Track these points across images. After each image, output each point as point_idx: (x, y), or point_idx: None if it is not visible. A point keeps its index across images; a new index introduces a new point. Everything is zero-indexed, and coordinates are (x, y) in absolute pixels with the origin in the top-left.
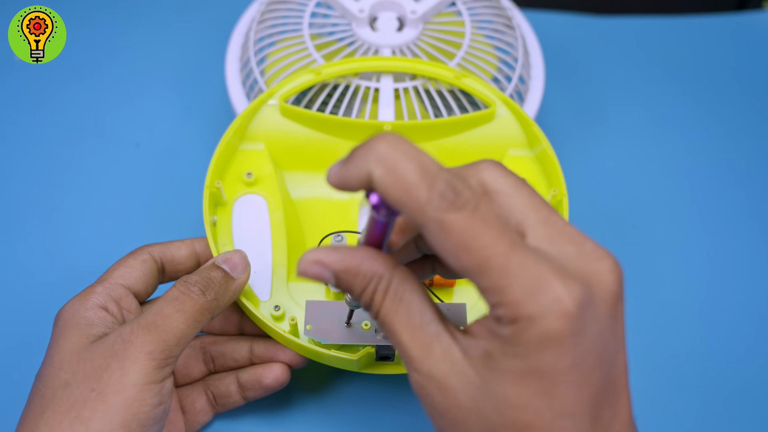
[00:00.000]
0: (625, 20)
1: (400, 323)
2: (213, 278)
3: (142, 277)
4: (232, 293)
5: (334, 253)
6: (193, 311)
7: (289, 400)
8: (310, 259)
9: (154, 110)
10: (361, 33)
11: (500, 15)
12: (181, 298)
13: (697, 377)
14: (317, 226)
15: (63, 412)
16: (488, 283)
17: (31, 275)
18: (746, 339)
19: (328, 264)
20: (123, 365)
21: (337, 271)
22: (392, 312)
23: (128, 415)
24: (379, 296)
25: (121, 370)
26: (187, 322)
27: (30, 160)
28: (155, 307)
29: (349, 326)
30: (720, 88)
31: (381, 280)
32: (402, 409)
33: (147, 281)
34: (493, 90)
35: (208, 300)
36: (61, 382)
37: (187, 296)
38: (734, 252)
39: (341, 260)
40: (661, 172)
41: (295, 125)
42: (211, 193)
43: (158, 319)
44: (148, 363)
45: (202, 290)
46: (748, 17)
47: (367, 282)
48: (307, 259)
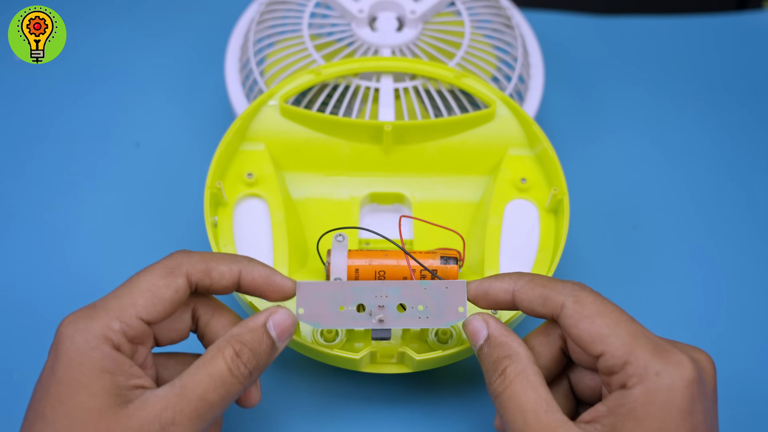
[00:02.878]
0: (624, 20)
1: (528, 405)
2: (263, 353)
3: (169, 309)
4: (269, 365)
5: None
6: (235, 395)
7: (289, 399)
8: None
9: (154, 111)
10: (361, 33)
11: (499, 14)
12: (229, 382)
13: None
14: (318, 226)
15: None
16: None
17: (30, 275)
18: (746, 339)
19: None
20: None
21: (491, 334)
22: (522, 392)
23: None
24: (512, 373)
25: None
26: (226, 406)
27: (30, 160)
28: (200, 390)
29: None
30: (720, 88)
31: (519, 358)
32: (404, 408)
33: (172, 311)
34: (493, 90)
35: (252, 380)
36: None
37: (236, 380)
38: (734, 252)
39: (499, 327)
40: (661, 172)
41: (296, 126)
42: (212, 194)
43: (202, 409)
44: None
45: (251, 372)
46: (748, 17)
47: (507, 355)
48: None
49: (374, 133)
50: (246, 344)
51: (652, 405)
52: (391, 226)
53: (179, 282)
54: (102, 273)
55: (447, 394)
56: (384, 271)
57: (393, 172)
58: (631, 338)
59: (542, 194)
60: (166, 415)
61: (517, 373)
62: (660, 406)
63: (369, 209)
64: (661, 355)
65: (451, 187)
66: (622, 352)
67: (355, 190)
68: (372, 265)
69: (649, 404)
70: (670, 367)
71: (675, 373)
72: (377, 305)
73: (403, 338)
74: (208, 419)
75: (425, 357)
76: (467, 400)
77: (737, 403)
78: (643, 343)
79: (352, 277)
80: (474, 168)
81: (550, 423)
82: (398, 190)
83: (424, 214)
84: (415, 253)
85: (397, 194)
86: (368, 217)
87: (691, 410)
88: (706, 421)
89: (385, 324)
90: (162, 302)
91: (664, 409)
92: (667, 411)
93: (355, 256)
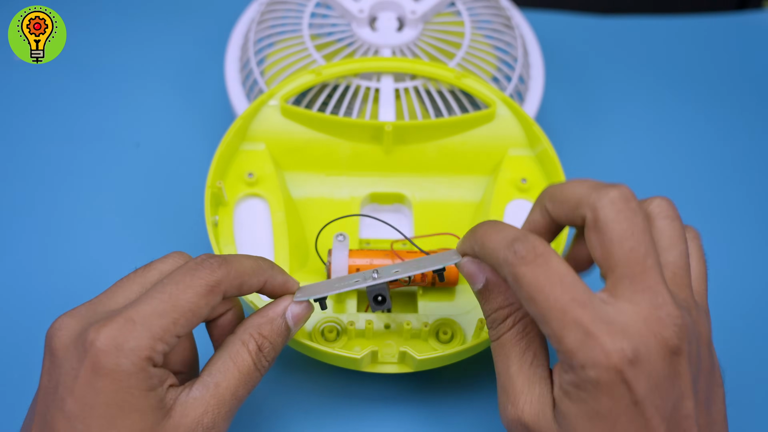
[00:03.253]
0: (624, 20)
1: (516, 355)
2: (281, 344)
3: (201, 320)
4: None
5: (487, 268)
6: (255, 383)
7: (290, 399)
8: (470, 259)
9: (154, 111)
10: (361, 33)
11: (499, 15)
12: (255, 375)
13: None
14: (318, 226)
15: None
16: (548, 332)
17: (30, 275)
18: (747, 338)
19: (486, 270)
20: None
21: (489, 279)
22: (514, 342)
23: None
24: (510, 322)
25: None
26: (247, 395)
27: (30, 160)
28: (232, 387)
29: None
30: (720, 88)
31: (519, 311)
32: (405, 408)
33: (202, 320)
34: (493, 90)
35: (268, 368)
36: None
37: (260, 372)
38: (734, 251)
39: (495, 274)
40: (661, 172)
41: (296, 125)
42: (213, 194)
43: (235, 406)
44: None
45: (270, 363)
46: (748, 17)
47: (508, 304)
48: (467, 259)
49: (375, 133)
50: (267, 337)
51: (581, 393)
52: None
53: (216, 299)
54: (102, 273)
55: (448, 394)
56: None
57: (393, 172)
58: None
59: None
60: (206, 419)
61: (513, 321)
62: (587, 395)
63: (369, 209)
64: (586, 344)
65: (452, 188)
66: (554, 340)
67: (356, 190)
68: (373, 265)
69: (578, 391)
70: (591, 361)
71: (596, 366)
72: (372, 274)
73: (404, 337)
74: (236, 413)
75: (426, 356)
76: (468, 399)
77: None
78: (571, 334)
79: None
80: (474, 168)
81: (531, 378)
82: (398, 190)
83: (424, 213)
84: (415, 254)
85: (398, 194)
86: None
87: (615, 398)
88: (651, 398)
89: (379, 278)
90: (198, 319)
91: (591, 398)
92: (596, 400)
93: (356, 256)
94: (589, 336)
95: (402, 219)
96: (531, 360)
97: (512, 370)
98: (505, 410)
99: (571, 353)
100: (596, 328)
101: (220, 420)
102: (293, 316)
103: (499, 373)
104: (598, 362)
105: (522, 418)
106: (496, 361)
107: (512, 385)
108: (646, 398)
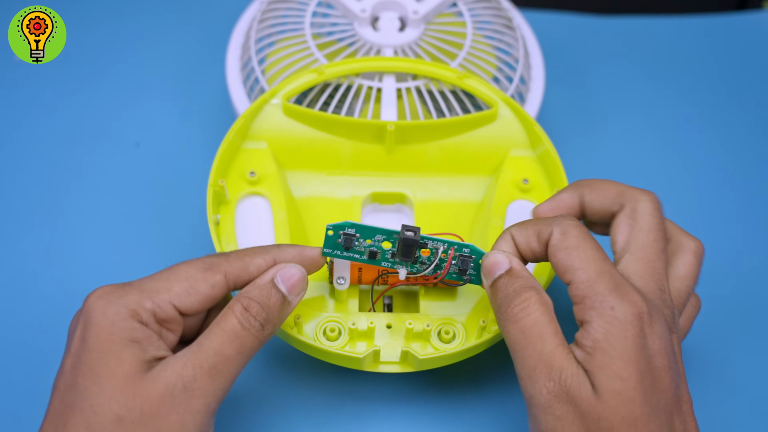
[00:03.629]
0: (624, 20)
1: (550, 333)
2: (272, 306)
3: (203, 303)
4: (285, 318)
5: (516, 258)
6: (251, 350)
7: (292, 398)
8: (502, 251)
9: (155, 110)
10: (363, 33)
11: (500, 16)
12: (242, 335)
13: (697, 377)
14: (320, 225)
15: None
16: (583, 276)
17: (30, 275)
18: (746, 338)
19: (513, 260)
20: (184, 419)
21: (514, 267)
22: (546, 320)
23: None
24: (538, 302)
25: (182, 424)
26: (244, 362)
27: (29, 159)
28: (216, 345)
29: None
30: (720, 89)
31: (540, 291)
32: (407, 408)
33: (206, 306)
34: (495, 90)
35: (266, 334)
36: (113, 416)
37: (249, 333)
38: (734, 251)
39: (520, 263)
40: (661, 172)
41: (298, 125)
42: (215, 192)
43: (220, 363)
44: (206, 414)
45: (262, 324)
46: (748, 17)
47: (531, 285)
48: (498, 250)
49: (377, 133)
50: (254, 299)
51: (611, 336)
52: (392, 227)
53: (217, 278)
54: (102, 273)
55: (450, 394)
56: (388, 270)
57: (395, 171)
58: (597, 275)
59: (544, 195)
60: (186, 372)
61: (542, 303)
62: (617, 336)
63: (370, 209)
64: (619, 291)
65: (453, 188)
66: (585, 285)
67: (357, 190)
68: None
69: (608, 335)
70: (624, 303)
71: (626, 308)
72: None
73: (405, 337)
74: (227, 375)
75: (428, 356)
76: (470, 399)
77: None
78: (606, 280)
79: (356, 276)
80: (476, 168)
81: (561, 349)
82: (400, 190)
83: (426, 214)
84: None
85: (399, 194)
86: (370, 216)
87: (642, 339)
88: (662, 347)
89: (417, 235)
90: (197, 294)
91: (621, 337)
92: (624, 339)
93: None
94: (620, 285)
95: (403, 219)
96: (561, 337)
97: (549, 348)
98: (544, 388)
99: (603, 297)
100: (623, 282)
101: (202, 374)
102: (284, 279)
103: (528, 356)
104: (629, 308)
105: (569, 390)
106: (523, 345)
107: (552, 360)
108: (655, 344)
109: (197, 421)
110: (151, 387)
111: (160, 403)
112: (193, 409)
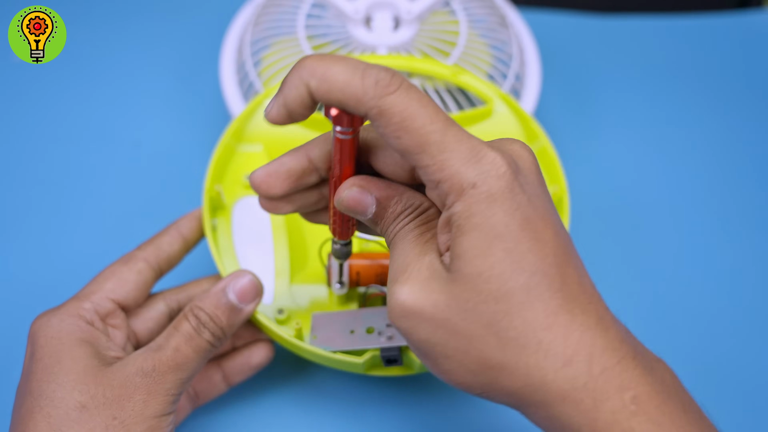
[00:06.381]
0: (623, 20)
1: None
2: (221, 315)
3: (136, 290)
4: (239, 323)
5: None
6: (205, 350)
7: (292, 401)
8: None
9: (152, 111)
10: (357, 34)
11: (494, 14)
12: (196, 338)
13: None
14: (318, 228)
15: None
16: (429, 161)
17: (30, 274)
18: (746, 338)
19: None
20: (146, 399)
21: (380, 196)
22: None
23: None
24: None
25: (144, 403)
26: (200, 361)
27: (29, 159)
28: (173, 343)
29: (341, 286)
30: (719, 88)
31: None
32: (408, 410)
33: (140, 294)
34: (490, 86)
35: (217, 340)
36: (76, 404)
37: (202, 338)
38: (734, 251)
39: (384, 188)
40: (660, 172)
41: (294, 126)
42: (211, 198)
43: (179, 358)
44: (167, 398)
45: (212, 332)
46: (748, 17)
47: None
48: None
49: None
50: (204, 308)
51: (476, 216)
52: None
53: (139, 265)
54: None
55: (451, 396)
56: (385, 273)
57: None
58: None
59: None
60: (146, 364)
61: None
62: (483, 214)
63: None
64: (474, 160)
65: None
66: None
67: None
68: (373, 266)
69: (472, 216)
70: (484, 174)
71: (490, 178)
72: (386, 324)
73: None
74: (186, 370)
75: None
76: (470, 402)
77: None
78: (456, 153)
79: (354, 279)
80: None
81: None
82: None
83: None
84: None
85: None
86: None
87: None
88: (535, 206)
89: (394, 341)
90: (127, 283)
91: (488, 215)
92: (492, 215)
93: (356, 257)
94: (475, 152)
95: None
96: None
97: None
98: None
99: (459, 174)
100: (479, 145)
101: (162, 366)
102: (236, 291)
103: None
104: (489, 173)
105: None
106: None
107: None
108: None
109: (159, 402)
110: (112, 376)
111: (122, 387)
112: (155, 391)
